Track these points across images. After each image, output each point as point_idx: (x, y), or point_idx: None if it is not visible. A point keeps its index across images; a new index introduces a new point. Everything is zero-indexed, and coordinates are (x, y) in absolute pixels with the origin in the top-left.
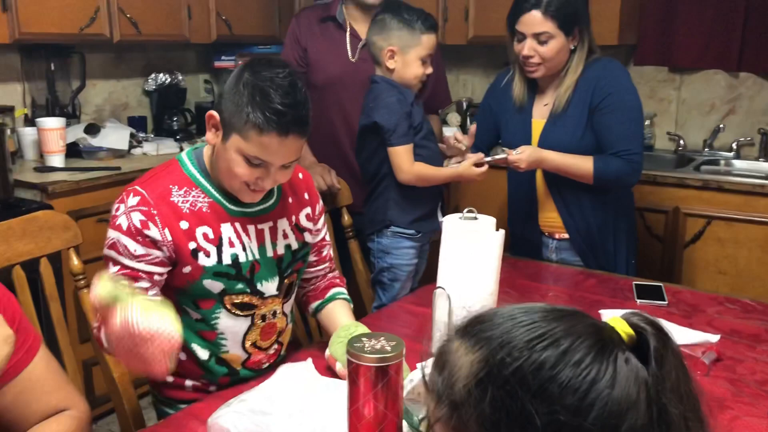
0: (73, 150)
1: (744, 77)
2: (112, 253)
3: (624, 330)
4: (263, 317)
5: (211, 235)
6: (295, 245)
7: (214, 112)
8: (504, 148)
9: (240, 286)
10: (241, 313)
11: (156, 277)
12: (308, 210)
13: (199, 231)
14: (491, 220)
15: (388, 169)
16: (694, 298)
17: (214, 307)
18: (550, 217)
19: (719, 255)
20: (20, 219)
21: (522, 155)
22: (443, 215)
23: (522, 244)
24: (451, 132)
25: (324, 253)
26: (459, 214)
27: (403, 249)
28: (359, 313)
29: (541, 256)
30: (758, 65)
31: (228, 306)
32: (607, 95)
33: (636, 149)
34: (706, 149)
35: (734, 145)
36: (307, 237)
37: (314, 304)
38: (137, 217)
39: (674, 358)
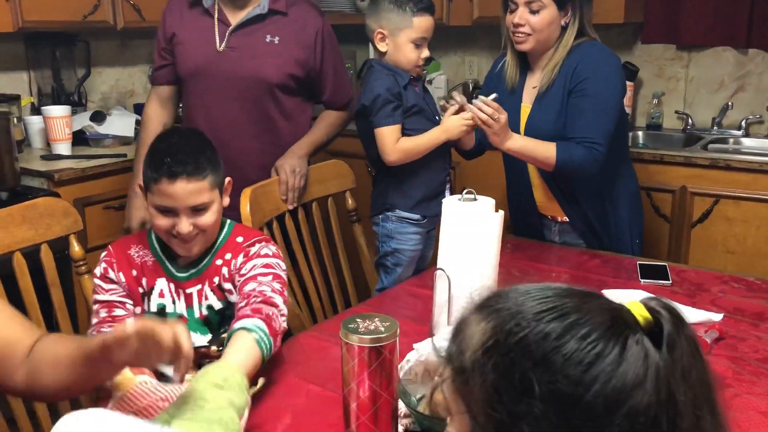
0: (79, 138)
1: (753, 54)
2: (95, 296)
3: (641, 314)
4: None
5: (147, 285)
6: (217, 305)
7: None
8: (479, 97)
9: None
10: None
11: (128, 306)
12: (225, 270)
13: (143, 280)
14: (490, 201)
15: None
16: (698, 277)
17: None
18: (548, 202)
19: (727, 234)
20: (20, 206)
21: (501, 117)
22: None
23: (524, 227)
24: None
25: (246, 290)
26: (458, 196)
27: (407, 234)
28: (362, 296)
29: (544, 239)
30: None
31: None
32: (582, 80)
33: (599, 140)
34: (715, 128)
35: (743, 123)
36: (231, 297)
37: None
38: (102, 266)
39: (688, 345)
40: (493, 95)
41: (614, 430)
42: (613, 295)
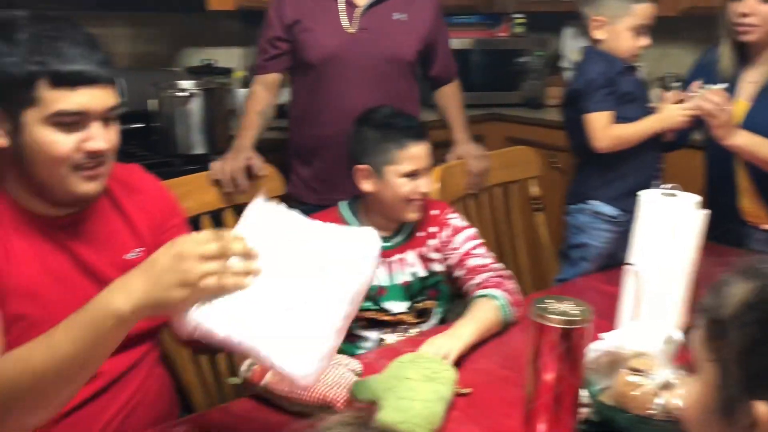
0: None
1: None
2: None
3: None
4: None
5: None
6: (422, 274)
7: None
8: (705, 86)
9: (367, 304)
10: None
11: None
12: (434, 242)
13: None
14: (693, 198)
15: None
16: None
17: None
18: (755, 209)
19: None
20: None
21: (727, 109)
22: None
23: (722, 233)
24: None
25: (471, 265)
26: (658, 190)
27: (599, 231)
28: (539, 286)
29: (743, 247)
30: None
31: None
32: None
33: None
34: None
35: None
36: (435, 266)
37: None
38: None
39: None
40: (722, 85)
41: None
42: None
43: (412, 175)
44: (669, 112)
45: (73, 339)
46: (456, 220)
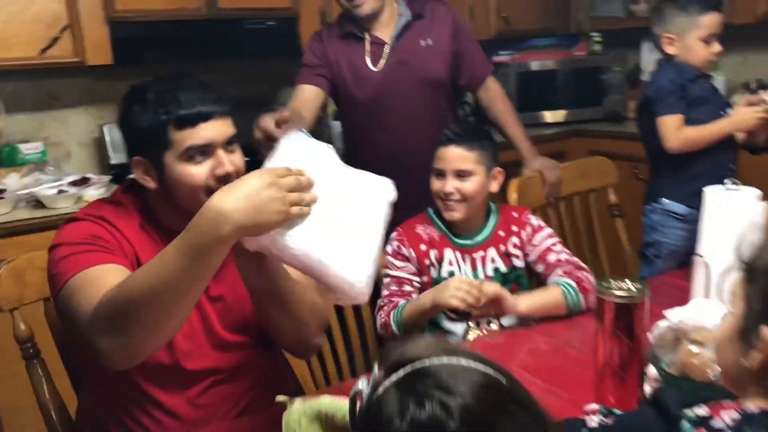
0: None
1: None
2: (386, 271)
3: None
4: (477, 324)
5: (437, 256)
6: (503, 269)
7: None
8: None
9: None
10: (456, 318)
11: (415, 283)
12: (515, 240)
13: (431, 253)
14: (755, 192)
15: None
16: None
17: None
18: None
19: None
20: None
21: None
22: None
23: None
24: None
25: (551, 260)
26: (722, 186)
27: (669, 228)
28: None
29: None
30: None
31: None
32: None
33: None
34: None
35: None
36: (516, 261)
37: None
38: (395, 243)
39: None
40: None
41: None
42: None
43: (440, 174)
44: (740, 115)
45: (181, 257)
46: (535, 220)
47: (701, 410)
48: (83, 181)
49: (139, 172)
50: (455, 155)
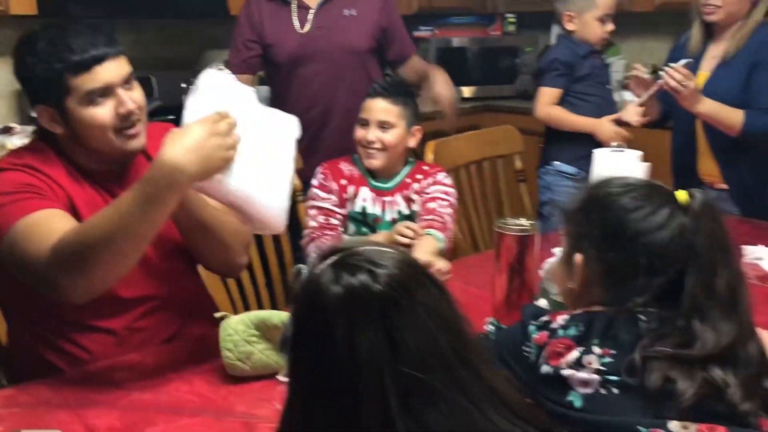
0: None
1: None
2: (312, 202)
3: (681, 197)
4: None
5: (354, 192)
6: (405, 212)
7: None
8: (669, 65)
9: (364, 230)
10: None
11: (338, 216)
12: (416, 186)
13: (350, 188)
14: (637, 154)
15: None
16: None
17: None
18: (709, 169)
19: None
20: None
21: (690, 83)
22: None
23: None
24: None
25: (429, 207)
26: (609, 147)
27: (562, 187)
28: None
29: None
30: None
31: None
32: None
33: None
34: None
35: None
36: (414, 207)
37: None
38: (321, 176)
39: (713, 219)
40: (684, 61)
41: (637, 252)
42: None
43: (364, 123)
44: (604, 128)
45: (139, 206)
46: (444, 178)
47: (545, 317)
48: (6, 130)
49: (45, 120)
50: (380, 107)
